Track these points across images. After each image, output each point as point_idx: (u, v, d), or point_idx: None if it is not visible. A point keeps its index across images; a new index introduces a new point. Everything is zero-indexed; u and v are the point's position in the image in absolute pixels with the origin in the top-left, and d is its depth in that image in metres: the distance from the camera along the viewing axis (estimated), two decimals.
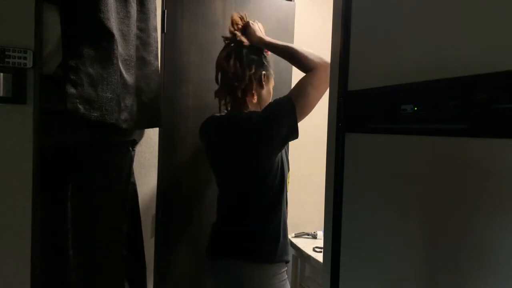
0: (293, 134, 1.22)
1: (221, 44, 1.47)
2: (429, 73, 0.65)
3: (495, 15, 0.55)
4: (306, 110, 1.23)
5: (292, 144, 1.41)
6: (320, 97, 1.23)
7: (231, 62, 1.34)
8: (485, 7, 0.57)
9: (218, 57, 1.41)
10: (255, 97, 1.36)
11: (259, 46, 1.37)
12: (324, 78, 1.21)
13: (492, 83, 0.55)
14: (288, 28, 1.95)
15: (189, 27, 1.74)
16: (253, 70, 1.33)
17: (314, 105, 1.24)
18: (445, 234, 0.62)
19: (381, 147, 0.76)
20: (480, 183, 0.57)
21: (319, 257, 1.71)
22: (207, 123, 1.45)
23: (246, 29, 1.39)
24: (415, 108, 0.67)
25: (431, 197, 0.65)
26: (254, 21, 1.41)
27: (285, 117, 1.19)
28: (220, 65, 1.39)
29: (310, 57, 1.25)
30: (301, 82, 1.24)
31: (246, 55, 1.34)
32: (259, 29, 1.39)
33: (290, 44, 1.35)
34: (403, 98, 0.70)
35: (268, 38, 1.36)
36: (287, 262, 1.30)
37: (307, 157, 2.05)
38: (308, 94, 1.21)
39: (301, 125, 1.23)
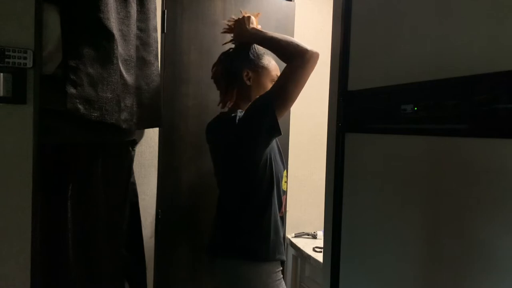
0: (275, 132, 1.20)
1: (221, 44, 1.47)
2: (429, 73, 0.65)
3: (495, 15, 0.55)
4: (287, 105, 1.21)
5: (292, 144, 1.41)
6: (301, 89, 1.21)
7: (217, 68, 1.39)
8: (485, 7, 0.57)
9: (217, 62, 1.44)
10: (245, 95, 1.36)
11: (248, 40, 1.36)
12: (305, 67, 1.17)
13: (492, 83, 0.55)
14: (288, 28, 1.95)
15: (189, 27, 1.74)
16: (237, 70, 1.34)
17: (295, 99, 1.22)
18: (445, 234, 0.62)
19: (381, 147, 0.76)
20: (480, 183, 0.57)
21: (319, 257, 1.71)
22: (211, 123, 1.46)
23: (235, 28, 1.39)
24: (415, 108, 0.67)
25: (431, 196, 0.65)
26: (244, 17, 1.38)
27: (264, 116, 1.18)
28: (213, 75, 1.43)
29: (292, 45, 1.21)
30: (280, 78, 1.22)
31: (231, 57, 1.37)
32: (246, 23, 1.36)
33: (275, 34, 1.30)
34: (403, 98, 0.70)
35: (251, 30, 1.34)
36: (282, 261, 1.30)
37: (307, 157, 2.05)
38: (287, 90, 1.18)
39: (301, 125, 1.23)
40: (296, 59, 1.18)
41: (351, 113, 0.85)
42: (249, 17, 1.38)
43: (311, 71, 1.21)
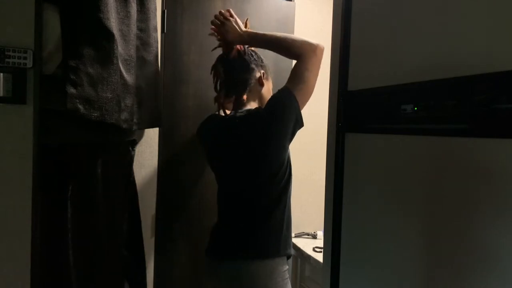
0: (299, 123, 1.24)
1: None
2: (429, 73, 0.65)
3: (495, 15, 0.55)
4: (306, 95, 1.24)
5: (292, 144, 1.41)
6: (316, 78, 1.24)
7: (227, 67, 1.37)
8: (485, 7, 0.57)
9: (213, 65, 1.43)
10: (256, 96, 1.37)
11: (241, 44, 1.35)
12: (315, 59, 1.22)
13: (492, 83, 0.55)
14: (288, 28, 1.95)
15: (189, 27, 1.74)
16: (251, 72, 1.35)
17: (313, 88, 1.25)
18: (445, 234, 0.62)
19: (381, 147, 0.76)
20: (480, 183, 0.57)
21: (319, 257, 1.71)
22: (209, 123, 1.45)
23: (221, 28, 1.35)
24: (415, 108, 0.67)
25: (431, 196, 0.65)
26: (229, 18, 1.35)
27: (289, 109, 1.20)
28: (217, 72, 1.41)
29: (296, 42, 1.24)
30: (296, 70, 1.24)
31: (242, 57, 1.36)
32: (236, 25, 1.33)
33: (273, 33, 1.32)
34: (403, 98, 0.70)
35: (250, 30, 1.33)
36: (289, 257, 1.30)
37: (307, 157, 2.05)
38: (305, 80, 1.22)
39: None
40: (311, 54, 1.22)
41: (351, 113, 0.85)
42: (235, 20, 1.35)
43: (320, 62, 1.25)
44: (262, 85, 1.38)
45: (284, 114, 1.21)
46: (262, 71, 1.38)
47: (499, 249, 0.54)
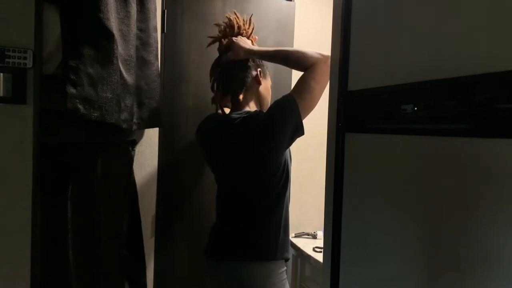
0: (299, 131, 1.23)
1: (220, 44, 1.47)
2: (429, 73, 0.65)
3: (495, 15, 0.55)
4: (310, 105, 1.23)
5: (292, 144, 1.43)
6: (323, 91, 1.22)
7: (217, 71, 1.39)
8: (485, 7, 0.57)
9: (212, 64, 1.44)
10: (254, 95, 1.37)
11: (249, 58, 1.37)
12: (325, 71, 1.19)
13: (492, 83, 0.55)
14: (288, 28, 1.95)
15: (189, 27, 1.74)
16: (247, 70, 1.35)
17: (318, 100, 1.24)
18: (445, 234, 0.62)
19: (381, 147, 0.76)
20: (480, 183, 0.57)
21: (319, 257, 1.71)
22: (208, 123, 1.45)
23: (230, 46, 1.37)
24: (415, 108, 0.67)
25: (431, 197, 0.65)
26: (237, 38, 1.39)
27: (289, 116, 1.20)
28: (214, 72, 1.42)
29: (307, 54, 1.23)
30: (303, 78, 1.23)
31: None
32: (243, 43, 1.36)
33: (281, 48, 1.35)
34: (403, 98, 0.70)
35: (255, 48, 1.35)
36: (286, 260, 1.31)
37: (307, 157, 2.05)
38: (312, 90, 1.21)
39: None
40: (320, 65, 1.21)
41: (351, 113, 0.85)
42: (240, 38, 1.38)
43: (327, 74, 1.22)
44: (259, 83, 1.38)
45: (283, 120, 1.21)
46: (259, 69, 1.38)
47: (499, 249, 0.54)
